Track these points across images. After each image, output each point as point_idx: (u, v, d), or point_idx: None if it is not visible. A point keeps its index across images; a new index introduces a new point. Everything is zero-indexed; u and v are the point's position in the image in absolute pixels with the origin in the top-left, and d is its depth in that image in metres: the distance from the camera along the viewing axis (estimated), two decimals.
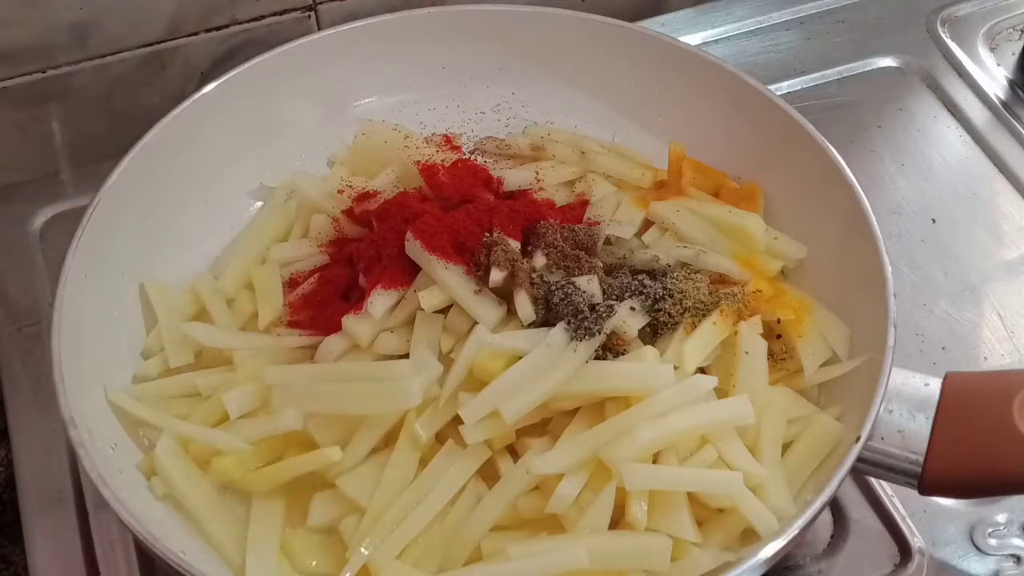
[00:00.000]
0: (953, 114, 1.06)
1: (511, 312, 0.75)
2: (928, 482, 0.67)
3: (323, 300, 0.80)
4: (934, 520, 0.79)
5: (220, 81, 0.86)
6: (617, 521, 0.68)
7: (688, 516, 0.68)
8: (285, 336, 0.78)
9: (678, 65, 0.89)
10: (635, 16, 1.09)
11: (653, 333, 0.76)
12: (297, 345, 0.77)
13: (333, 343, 0.76)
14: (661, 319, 0.75)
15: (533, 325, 0.74)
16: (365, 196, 0.85)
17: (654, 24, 1.12)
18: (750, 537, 0.68)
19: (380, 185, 0.86)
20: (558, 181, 0.88)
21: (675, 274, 0.78)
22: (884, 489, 0.80)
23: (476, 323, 0.74)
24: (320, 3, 1.04)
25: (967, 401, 0.68)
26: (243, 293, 0.82)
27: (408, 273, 0.77)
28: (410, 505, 0.69)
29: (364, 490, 0.70)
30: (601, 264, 0.78)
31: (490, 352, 0.72)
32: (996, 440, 0.66)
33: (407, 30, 0.92)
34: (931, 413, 0.68)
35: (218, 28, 1.01)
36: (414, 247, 0.76)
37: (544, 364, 0.71)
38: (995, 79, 1.08)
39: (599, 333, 0.72)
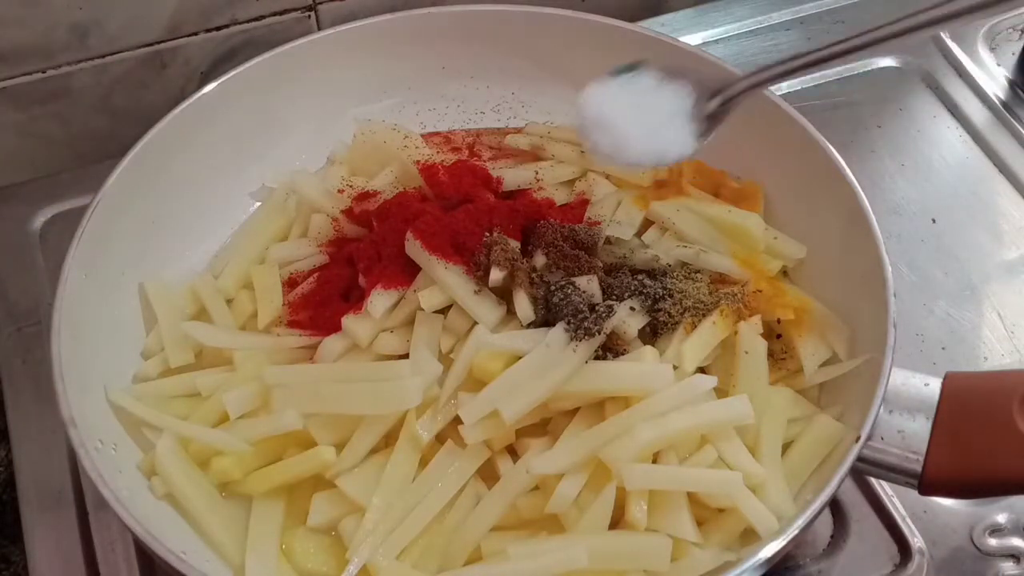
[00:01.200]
0: (953, 114, 1.06)
1: (511, 312, 0.75)
2: (928, 482, 0.67)
3: (323, 300, 0.80)
4: (934, 520, 0.79)
5: (220, 81, 0.86)
6: (617, 521, 0.68)
7: (688, 516, 0.68)
8: (285, 336, 0.78)
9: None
10: (635, 16, 1.09)
11: (653, 333, 0.76)
12: (297, 345, 0.77)
13: (333, 343, 0.76)
14: (661, 319, 0.75)
15: (533, 325, 0.74)
16: (365, 196, 0.85)
17: (654, 24, 1.12)
18: (750, 537, 0.68)
19: (380, 185, 0.86)
20: (558, 180, 0.88)
21: (675, 274, 0.78)
22: (884, 489, 0.80)
23: (476, 323, 0.74)
24: (320, 3, 1.04)
25: (967, 401, 0.68)
26: (243, 293, 0.82)
27: (408, 273, 0.77)
28: (410, 505, 0.69)
29: (364, 490, 0.70)
30: (601, 264, 0.78)
31: (490, 352, 0.72)
32: (996, 440, 0.66)
33: (407, 30, 0.92)
34: (931, 413, 0.68)
35: (218, 28, 1.01)
36: (414, 247, 0.76)
37: (544, 364, 0.71)
38: (995, 79, 1.08)
39: (599, 333, 0.72)
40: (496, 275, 0.75)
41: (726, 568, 0.64)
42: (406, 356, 0.74)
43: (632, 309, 0.75)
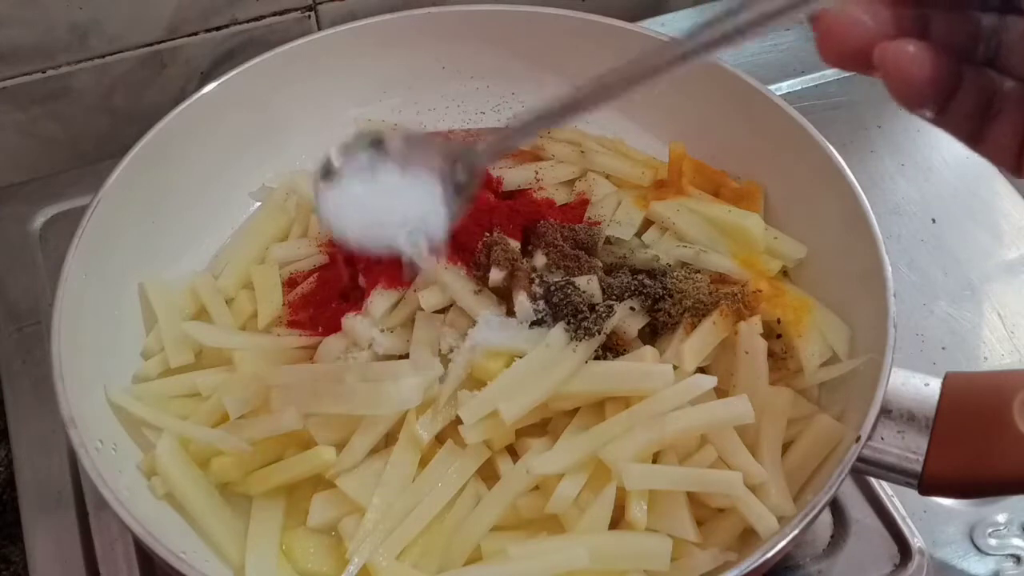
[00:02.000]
0: None
1: (511, 312, 0.75)
2: (928, 482, 0.67)
3: (323, 300, 0.80)
4: (934, 520, 0.79)
5: (220, 81, 0.86)
6: (617, 521, 0.68)
7: (688, 516, 0.68)
8: (285, 336, 0.78)
9: None
10: (635, 16, 1.09)
11: (653, 333, 0.76)
12: (297, 345, 0.77)
13: (333, 343, 0.76)
14: (661, 319, 0.75)
15: (533, 324, 0.74)
16: None
17: (654, 24, 1.12)
18: (750, 537, 0.68)
19: None
20: (558, 180, 0.88)
21: (675, 274, 0.78)
22: (884, 489, 0.80)
23: (476, 323, 0.74)
24: (320, 3, 1.04)
25: (967, 401, 0.68)
26: (243, 293, 0.82)
27: None
28: (410, 505, 0.69)
29: (364, 490, 0.70)
30: (601, 264, 0.78)
31: (490, 352, 0.72)
32: (996, 440, 0.66)
33: (407, 30, 0.92)
34: (931, 413, 0.68)
35: (218, 28, 1.01)
36: None
37: (544, 364, 0.71)
38: None
39: (599, 333, 0.72)
40: (496, 275, 0.75)
41: (726, 568, 0.64)
42: (406, 356, 0.74)
43: (632, 309, 0.75)
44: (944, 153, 1.03)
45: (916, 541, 0.78)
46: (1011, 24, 0.45)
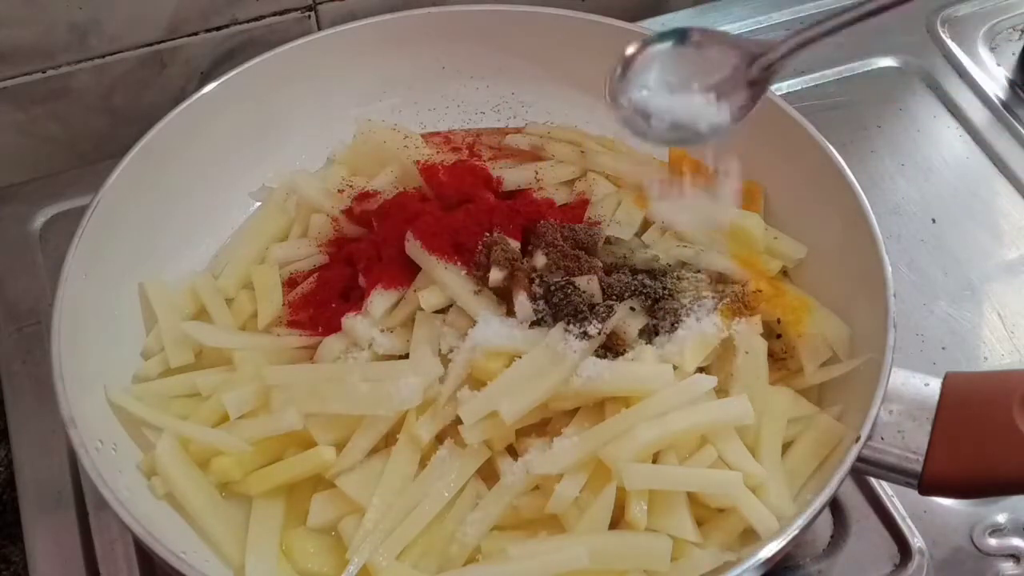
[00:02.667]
0: (953, 114, 1.06)
1: (511, 312, 0.75)
2: (928, 482, 0.67)
3: (323, 300, 0.80)
4: (934, 520, 0.79)
5: (220, 81, 0.86)
6: (617, 521, 0.68)
7: (688, 516, 0.68)
8: (285, 336, 0.78)
9: None
10: (635, 16, 1.09)
11: (653, 333, 0.76)
12: (297, 345, 0.77)
13: (333, 343, 0.76)
14: (661, 319, 0.75)
15: (533, 324, 0.74)
16: (365, 196, 0.85)
17: (654, 24, 1.12)
18: (750, 537, 0.68)
19: (380, 185, 0.87)
20: (558, 180, 0.88)
21: (675, 274, 0.78)
22: (884, 489, 0.80)
23: (476, 323, 0.74)
24: (320, 3, 1.04)
25: (967, 401, 0.68)
26: (243, 293, 0.82)
27: (408, 273, 0.77)
28: (410, 505, 0.69)
29: (364, 490, 0.70)
30: (601, 264, 0.78)
31: (490, 352, 0.72)
32: (996, 440, 0.66)
33: (407, 30, 0.92)
34: (931, 413, 0.68)
35: (218, 28, 1.01)
36: (414, 247, 0.76)
37: (544, 364, 0.71)
38: (995, 79, 1.08)
39: (599, 333, 0.72)
40: (496, 275, 0.75)
41: (726, 568, 0.64)
42: (406, 356, 0.74)
43: (632, 309, 0.75)
44: (944, 153, 1.03)
45: (916, 541, 0.78)
46: None
